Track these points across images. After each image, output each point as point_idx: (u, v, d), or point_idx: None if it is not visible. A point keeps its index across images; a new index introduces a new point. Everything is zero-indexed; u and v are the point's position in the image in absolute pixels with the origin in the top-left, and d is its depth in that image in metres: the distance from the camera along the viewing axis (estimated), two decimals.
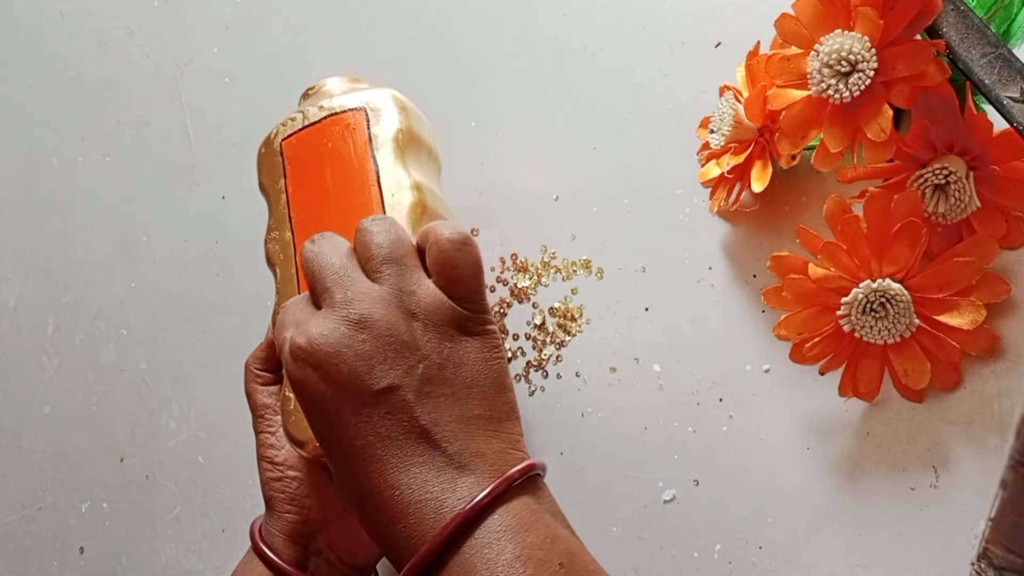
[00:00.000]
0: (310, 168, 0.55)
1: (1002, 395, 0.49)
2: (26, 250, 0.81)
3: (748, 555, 0.53)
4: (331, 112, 0.55)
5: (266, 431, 0.54)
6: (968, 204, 0.48)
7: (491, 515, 0.38)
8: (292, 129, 0.56)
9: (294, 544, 0.52)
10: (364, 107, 0.55)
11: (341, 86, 0.58)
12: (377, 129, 0.54)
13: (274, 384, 0.56)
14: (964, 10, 0.47)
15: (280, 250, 0.54)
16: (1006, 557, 0.42)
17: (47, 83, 0.84)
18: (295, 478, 0.53)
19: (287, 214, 0.54)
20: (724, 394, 0.55)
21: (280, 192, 0.55)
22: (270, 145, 0.57)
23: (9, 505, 0.76)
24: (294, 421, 0.50)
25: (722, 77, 0.57)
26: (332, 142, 0.54)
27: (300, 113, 0.57)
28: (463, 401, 0.40)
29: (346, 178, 0.53)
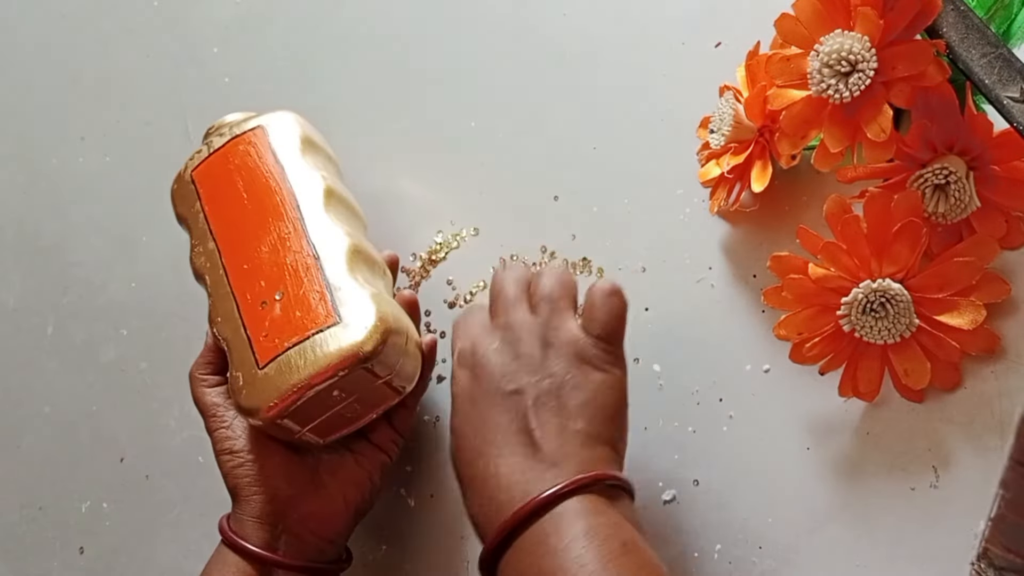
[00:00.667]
0: (222, 185, 0.59)
1: (1002, 395, 0.49)
2: (26, 250, 0.81)
3: (748, 555, 0.53)
4: (233, 136, 0.60)
5: (220, 428, 0.57)
6: (968, 204, 0.48)
7: (568, 500, 0.45)
8: (200, 159, 0.61)
9: (264, 525, 0.54)
10: (262, 125, 0.61)
11: (240, 117, 0.63)
12: (277, 139, 0.60)
13: (220, 385, 0.58)
14: (964, 10, 0.47)
15: (206, 259, 0.58)
16: (1006, 557, 0.42)
17: (47, 83, 0.84)
18: (254, 460, 0.55)
19: (207, 228, 0.59)
20: (724, 394, 0.55)
21: (197, 213, 0.60)
22: (181, 180, 0.61)
23: (9, 505, 0.76)
24: (246, 394, 0.53)
25: (722, 77, 0.57)
26: (239, 157, 0.60)
27: (205, 145, 0.61)
28: (568, 416, 0.47)
29: (257, 182, 0.58)
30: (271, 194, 0.58)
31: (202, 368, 0.59)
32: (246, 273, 0.56)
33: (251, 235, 0.57)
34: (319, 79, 0.74)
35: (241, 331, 0.55)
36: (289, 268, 0.55)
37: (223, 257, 0.57)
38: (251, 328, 0.54)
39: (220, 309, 0.56)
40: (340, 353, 0.51)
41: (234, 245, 0.57)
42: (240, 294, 0.56)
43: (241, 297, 0.56)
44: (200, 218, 0.59)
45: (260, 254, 0.56)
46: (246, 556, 0.54)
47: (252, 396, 0.53)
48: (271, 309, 0.54)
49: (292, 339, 0.53)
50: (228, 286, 0.56)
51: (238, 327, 0.55)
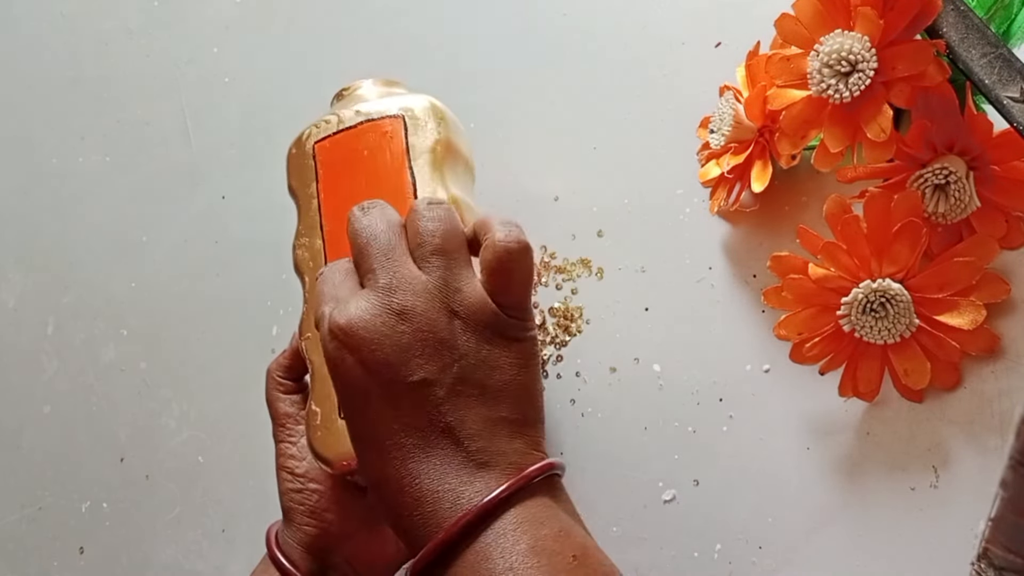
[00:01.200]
0: (344, 175, 0.53)
1: (1002, 395, 0.49)
2: (26, 250, 0.81)
3: (748, 555, 0.53)
4: (368, 118, 0.53)
5: (287, 440, 0.53)
6: (968, 204, 0.48)
7: (508, 509, 0.39)
8: (326, 132, 0.54)
9: (311, 556, 0.52)
10: (402, 115, 0.53)
11: (377, 90, 0.56)
12: (415, 139, 0.53)
13: (296, 392, 0.55)
14: (964, 10, 0.47)
15: (310, 257, 0.53)
16: (1006, 557, 0.42)
17: (47, 83, 0.84)
18: (316, 491, 0.52)
19: (318, 221, 0.53)
20: (724, 394, 0.55)
21: (311, 197, 0.53)
22: (301, 147, 0.55)
23: (9, 505, 0.76)
24: (320, 437, 0.49)
25: (722, 77, 0.57)
26: (368, 149, 0.53)
27: (335, 115, 0.55)
28: (491, 403, 0.41)
29: (381, 188, 0.51)
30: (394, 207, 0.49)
31: (282, 370, 0.55)
32: None
33: None
34: (319, 79, 0.74)
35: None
36: None
37: (327, 261, 0.51)
38: None
39: (312, 326, 0.50)
40: None
41: (343, 254, 0.49)
42: None
43: None
44: (313, 205, 0.53)
45: None
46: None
47: (327, 445, 0.49)
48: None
49: None
50: None
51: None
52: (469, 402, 0.41)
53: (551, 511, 0.41)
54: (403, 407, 0.41)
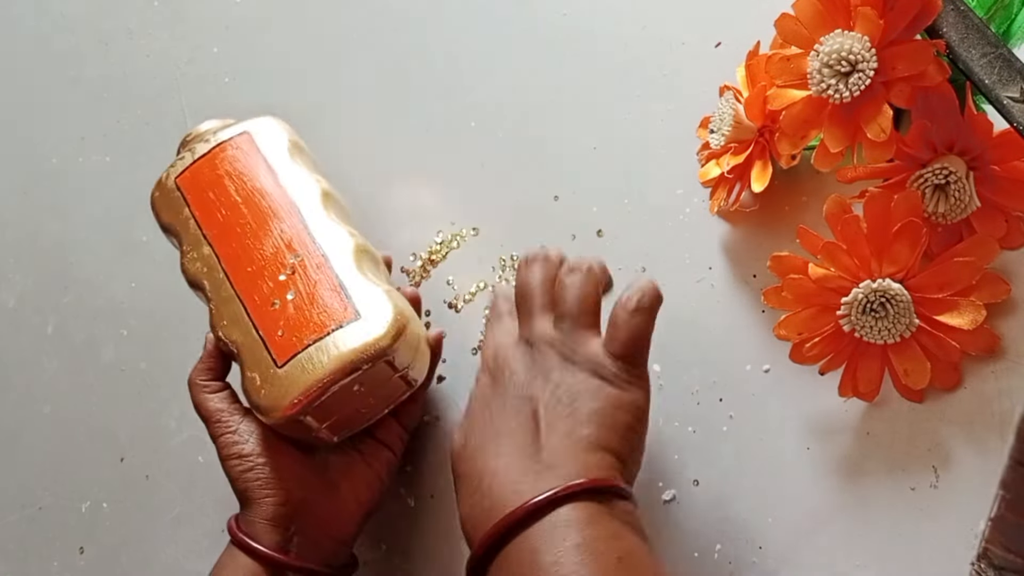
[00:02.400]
0: (211, 190, 0.59)
1: (1002, 395, 0.49)
2: (26, 250, 0.81)
3: (748, 555, 0.53)
4: (218, 142, 0.60)
5: (225, 432, 0.56)
6: (968, 204, 0.48)
7: (561, 507, 0.43)
8: (183, 166, 0.60)
9: (276, 528, 0.54)
10: (247, 131, 0.60)
11: (218, 124, 0.62)
12: (265, 144, 0.60)
13: (222, 390, 0.58)
14: (964, 10, 0.47)
15: (202, 264, 0.58)
16: (1006, 557, 0.42)
17: (47, 83, 0.84)
18: (266, 463, 0.55)
19: (200, 233, 0.58)
20: (724, 394, 0.55)
21: (187, 219, 0.59)
22: (163, 187, 0.61)
23: (9, 505, 0.76)
24: (266, 394, 0.53)
25: (722, 77, 0.57)
26: (227, 163, 0.59)
27: (187, 152, 0.61)
28: (577, 423, 0.46)
29: (250, 186, 0.58)
30: (266, 197, 0.58)
31: (203, 374, 0.58)
32: (251, 275, 0.56)
33: (250, 237, 0.57)
34: (319, 79, 0.74)
35: (253, 332, 0.55)
36: (298, 268, 0.55)
37: (222, 260, 0.57)
38: (264, 329, 0.54)
39: (225, 312, 0.56)
40: (364, 347, 0.52)
41: (233, 248, 0.57)
42: (247, 296, 0.56)
43: (248, 299, 0.55)
44: (191, 224, 0.59)
45: (263, 256, 0.56)
46: (258, 558, 0.53)
47: (272, 394, 0.53)
48: (284, 308, 0.54)
49: (311, 336, 0.53)
50: (232, 289, 0.56)
51: (249, 329, 0.55)
52: (558, 418, 0.46)
53: (604, 516, 0.44)
54: (508, 411, 0.48)
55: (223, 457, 0.56)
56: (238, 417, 0.57)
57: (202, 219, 0.58)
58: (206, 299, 0.58)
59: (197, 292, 0.59)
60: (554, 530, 0.42)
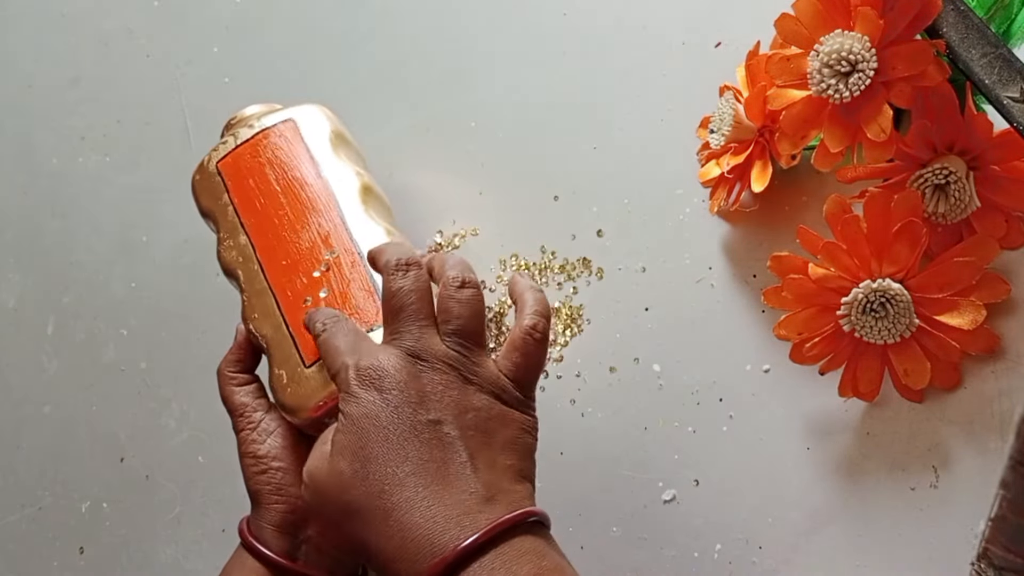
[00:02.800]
0: (253, 176, 0.58)
1: (1002, 395, 0.49)
2: (26, 250, 0.81)
3: (748, 555, 0.53)
4: (262, 128, 0.59)
5: (246, 428, 0.55)
6: (968, 204, 0.48)
7: (514, 537, 0.42)
8: (226, 151, 0.59)
9: (283, 535, 0.53)
10: (292, 118, 0.59)
11: (263, 109, 0.61)
12: (309, 133, 0.59)
13: (249, 384, 0.57)
14: (964, 10, 0.47)
15: (238, 253, 0.57)
16: (1006, 557, 0.42)
17: (47, 83, 0.84)
18: (279, 468, 0.54)
19: (237, 221, 0.57)
20: (724, 394, 0.55)
21: (226, 206, 0.58)
22: (205, 171, 0.60)
23: (9, 505, 0.76)
24: (291, 393, 0.52)
25: (722, 77, 0.57)
26: (270, 150, 0.58)
27: (231, 136, 0.60)
28: (501, 451, 0.45)
29: (291, 177, 0.57)
30: (306, 187, 0.57)
31: (232, 366, 0.57)
32: (285, 269, 0.55)
33: (287, 229, 0.56)
34: (319, 79, 0.74)
35: (283, 328, 0.54)
36: (333, 265, 0.55)
37: (258, 251, 0.56)
38: (294, 325, 0.54)
39: (257, 305, 0.55)
40: None
41: (269, 239, 0.56)
42: (280, 290, 0.55)
43: (281, 293, 0.55)
44: (229, 211, 0.58)
45: (299, 250, 0.55)
46: (266, 562, 0.53)
47: (298, 395, 0.52)
48: (316, 306, 0.54)
49: None
50: (265, 282, 0.55)
51: (279, 324, 0.54)
52: (480, 445, 0.45)
53: (549, 548, 0.44)
54: (415, 439, 0.44)
55: (241, 453, 0.55)
56: (260, 414, 0.56)
57: (241, 207, 0.57)
58: (239, 289, 0.57)
59: (231, 280, 0.58)
60: (509, 560, 0.42)
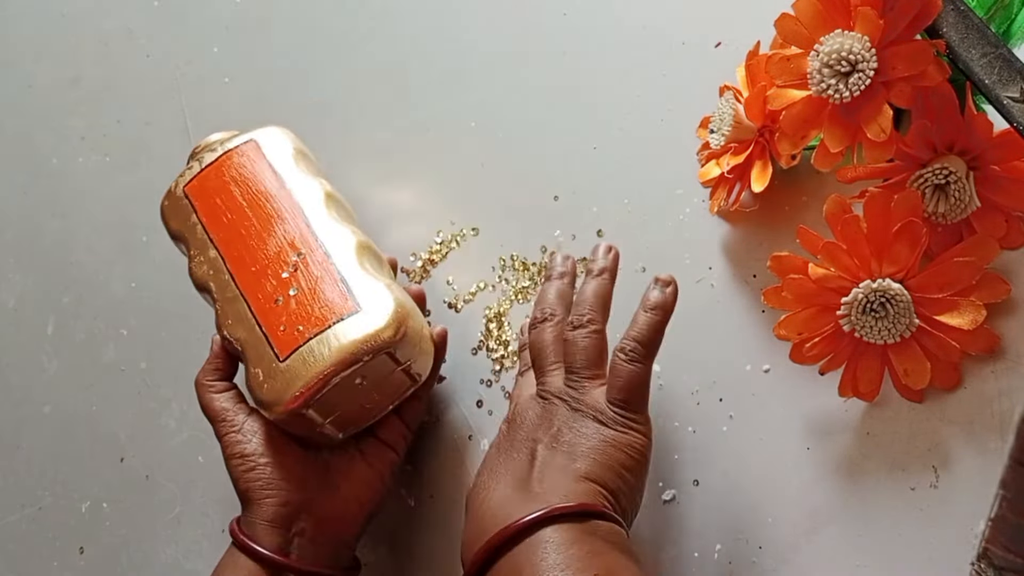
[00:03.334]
0: (219, 196, 0.60)
1: (1002, 395, 0.49)
2: (26, 250, 0.81)
3: (748, 555, 0.53)
4: (225, 150, 0.61)
5: (230, 432, 0.57)
6: (968, 204, 0.48)
7: (545, 528, 0.45)
8: (191, 175, 0.61)
9: (276, 529, 0.54)
10: (254, 139, 0.61)
11: (226, 135, 0.63)
12: (272, 151, 0.61)
13: (228, 391, 0.59)
14: (964, 10, 0.47)
15: (208, 267, 0.58)
16: (1006, 557, 0.42)
17: (47, 83, 0.84)
18: (267, 463, 0.55)
19: (206, 237, 0.59)
20: (724, 394, 0.55)
21: (194, 225, 0.60)
22: (172, 196, 0.62)
23: (9, 505, 0.76)
24: (268, 388, 0.54)
25: (722, 77, 0.57)
26: (233, 170, 0.60)
27: (195, 162, 0.62)
28: (572, 459, 0.49)
29: (255, 190, 0.59)
30: (271, 199, 0.59)
31: (209, 375, 0.59)
32: (254, 274, 0.57)
33: (254, 238, 0.58)
34: (319, 79, 0.74)
35: (256, 329, 0.55)
36: (301, 265, 0.56)
37: (227, 262, 0.58)
38: (267, 325, 0.55)
39: (230, 312, 0.57)
40: (364, 339, 0.53)
41: (237, 250, 0.58)
42: (251, 294, 0.56)
43: (252, 297, 0.56)
44: (198, 229, 0.60)
45: (267, 255, 0.57)
46: (259, 560, 0.53)
47: (275, 388, 0.53)
48: (287, 304, 0.55)
49: (313, 330, 0.53)
50: (236, 289, 0.57)
51: (252, 326, 0.55)
52: (556, 455, 0.49)
53: (586, 536, 0.45)
54: (515, 452, 0.50)
55: (226, 457, 0.56)
56: (242, 416, 0.57)
57: (208, 224, 0.59)
58: (212, 301, 0.58)
59: (204, 295, 0.59)
60: (537, 549, 0.45)
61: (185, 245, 0.61)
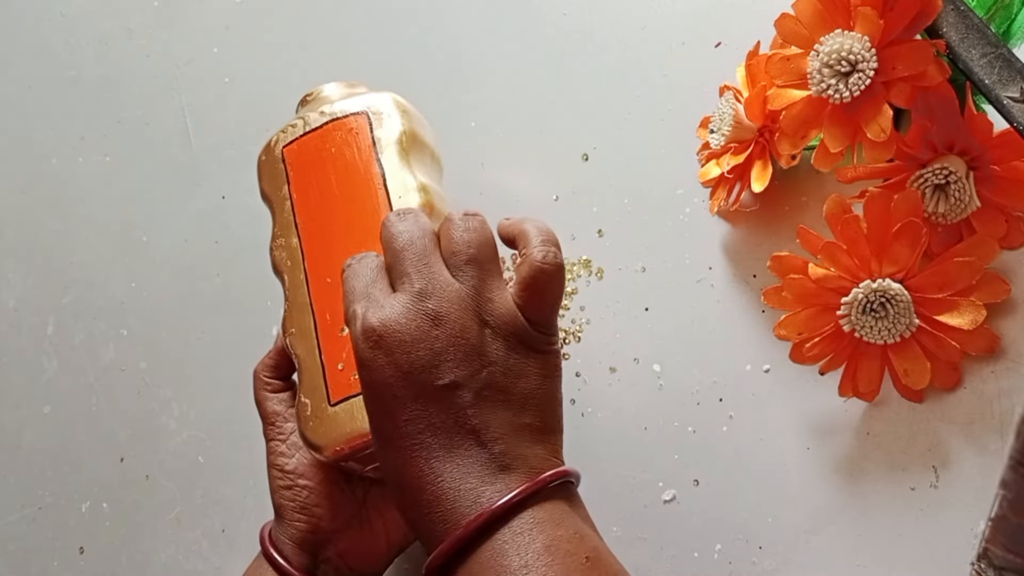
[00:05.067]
0: (314, 173, 0.55)
1: (1002, 395, 0.49)
2: (26, 250, 0.81)
3: (748, 555, 0.53)
4: (332, 117, 0.55)
5: (276, 439, 0.54)
6: (968, 204, 0.48)
7: (525, 510, 0.41)
8: (293, 136, 0.56)
9: (303, 552, 0.52)
10: (366, 111, 0.55)
11: (340, 91, 0.58)
12: (380, 132, 0.55)
13: (284, 391, 0.56)
14: (964, 10, 0.47)
15: (287, 256, 0.54)
16: (1006, 557, 0.42)
17: (47, 83, 0.84)
18: (305, 487, 0.53)
19: (292, 220, 0.55)
20: (724, 394, 0.55)
21: (284, 199, 0.55)
22: (271, 152, 0.57)
23: (9, 505, 0.76)
24: (312, 427, 0.50)
25: (722, 77, 0.57)
26: (335, 147, 0.55)
27: (300, 119, 0.57)
28: (516, 409, 0.42)
29: (352, 182, 0.54)
30: (366, 199, 0.53)
31: (268, 370, 0.56)
32: (329, 288, 0.52)
33: (339, 241, 0.53)
34: (319, 79, 0.74)
35: (316, 355, 0.51)
36: None
37: (306, 261, 0.54)
38: (327, 354, 0.51)
39: (296, 320, 0.53)
40: None
41: (319, 249, 0.54)
42: (319, 311, 0.52)
43: (320, 315, 0.52)
44: (287, 206, 0.55)
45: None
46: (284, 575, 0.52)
47: (319, 433, 0.50)
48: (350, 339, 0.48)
49: None
50: (308, 296, 0.53)
51: (313, 349, 0.52)
52: (495, 407, 0.42)
53: (567, 514, 0.42)
54: (431, 408, 0.42)
55: (268, 463, 0.54)
56: (291, 426, 0.54)
57: (298, 203, 0.55)
58: (284, 294, 0.55)
59: (278, 277, 0.55)
60: (520, 534, 0.40)
61: (272, 214, 0.56)
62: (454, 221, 0.45)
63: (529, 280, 0.44)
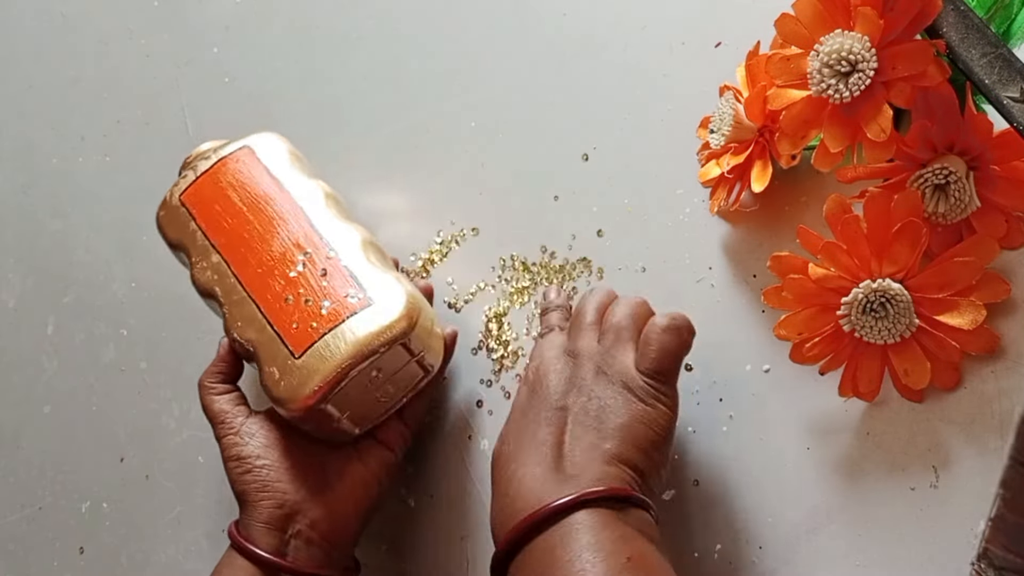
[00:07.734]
0: (218, 201, 0.60)
1: (1002, 395, 0.49)
2: (26, 250, 0.81)
3: (748, 555, 0.53)
4: (219, 158, 0.61)
5: (228, 434, 0.57)
6: (968, 204, 0.48)
7: (578, 511, 0.46)
8: (187, 184, 0.62)
9: (273, 531, 0.54)
10: (247, 145, 0.62)
11: (219, 142, 0.63)
12: (266, 156, 0.61)
13: (229, 393, 0.59)
14: (964, 10, 0.47)
15: (212, 272, 0.59)
16: (1006, 557, 0.42)
17: (47, 83, 0.84)
18: (264, 466, 0.56)
19: (208, 243, 0.59)
20: (724, 394, 0.55)
21: (194, 232, 0.60)
22: (169, 205, 0.62)
23: (9, 505, 0.76)
24: (284, 385, 0.54)
25: (722, 77, 0.57)
26: (231, 176, 0.61)
27: (189, 171, 0.62)
28: (601, 436, 0.49)
29: (254, 194, 0.60)
30: (271, 202, 0.59)
31: (211, 377, 0.59)
32: (261, 275, 0.57)
33: (258, 241, 0.58)
34: (319, 79, 0.74)
35: (268, 329, 0.56)
36: (308, 263, 0.56)
37: (232, 266, 0.58)
38: (278, 324, 0.55)
39: (238, 314, 0.57)
40: (379, 331, 0.53)
41: (241, 253, 0.58)
42: (259, 295, 0.57)
43: (261, 298, 0.57)
44: (198, 236, 0.60)
45: (272, 256, 0.57)
46: (256, 561, 0.54)
47: (292, 385, 0.54)
48: (297, 303, 0.56)
49: (327, 325, 0.54)
50: (243, 291, 0.57)
51: (263, 326, 0.56)
52: (585, 431, 0.49)
53: (616, 522, 0.46)
54: (541, 422, 0.51)
55: (224, 459, 0.57)
56: (241, 419, 0.58)
57: (208, 230, 0.60)
58: (219, 306, 0.58)
59: (209, 302, 0.60)
60: (570, 530, 0.46)
61: (185, 253, 0.61)
62: (617, 301, 0.54)
63: (645, 337, 0.51)
